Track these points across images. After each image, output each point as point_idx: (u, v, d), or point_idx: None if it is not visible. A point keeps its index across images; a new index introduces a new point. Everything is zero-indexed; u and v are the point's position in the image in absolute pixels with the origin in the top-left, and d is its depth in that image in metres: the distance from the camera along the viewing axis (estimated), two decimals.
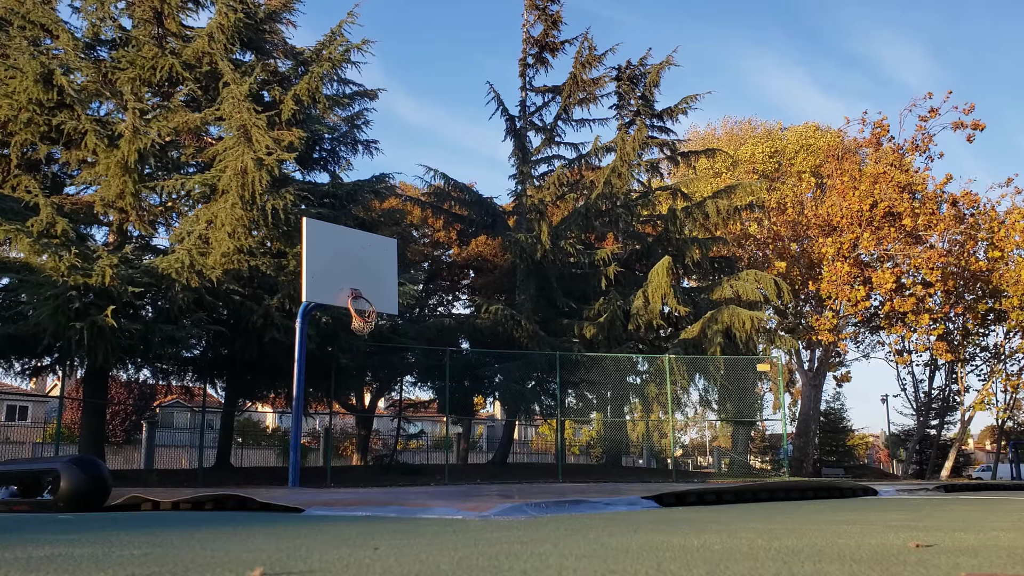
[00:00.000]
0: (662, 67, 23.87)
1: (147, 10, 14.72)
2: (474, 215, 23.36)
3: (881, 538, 1.95)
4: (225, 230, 13.02)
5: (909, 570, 1.32)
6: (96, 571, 1.29)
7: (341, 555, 1.53)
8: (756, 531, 2.18)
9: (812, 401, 27.90)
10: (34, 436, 32.60)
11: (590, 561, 1.41)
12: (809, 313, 26.91)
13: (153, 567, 1.33)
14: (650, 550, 1.59)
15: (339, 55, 15.73)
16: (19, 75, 13.04)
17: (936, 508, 4.18)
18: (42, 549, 1.63)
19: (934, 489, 11.37)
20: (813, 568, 1.34)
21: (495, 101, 23.34)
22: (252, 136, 13.22)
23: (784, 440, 21.74)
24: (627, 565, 1.35)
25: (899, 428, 35.82)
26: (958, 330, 25.89)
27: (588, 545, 1.72)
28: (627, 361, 20.73)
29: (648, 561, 1.40)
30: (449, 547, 1.68)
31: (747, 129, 34.39)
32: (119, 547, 1.67)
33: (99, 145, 13.27)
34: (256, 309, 13.54)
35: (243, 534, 2.17)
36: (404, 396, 23.31)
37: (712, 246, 23.53)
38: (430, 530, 2.25)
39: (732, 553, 1.55)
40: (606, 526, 2.40)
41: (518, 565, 1.35)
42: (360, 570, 1.31)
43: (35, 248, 12.16)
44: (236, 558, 1.48)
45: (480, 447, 39.62)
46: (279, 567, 1.35)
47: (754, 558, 1.46)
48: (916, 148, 25.59)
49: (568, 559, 1.44)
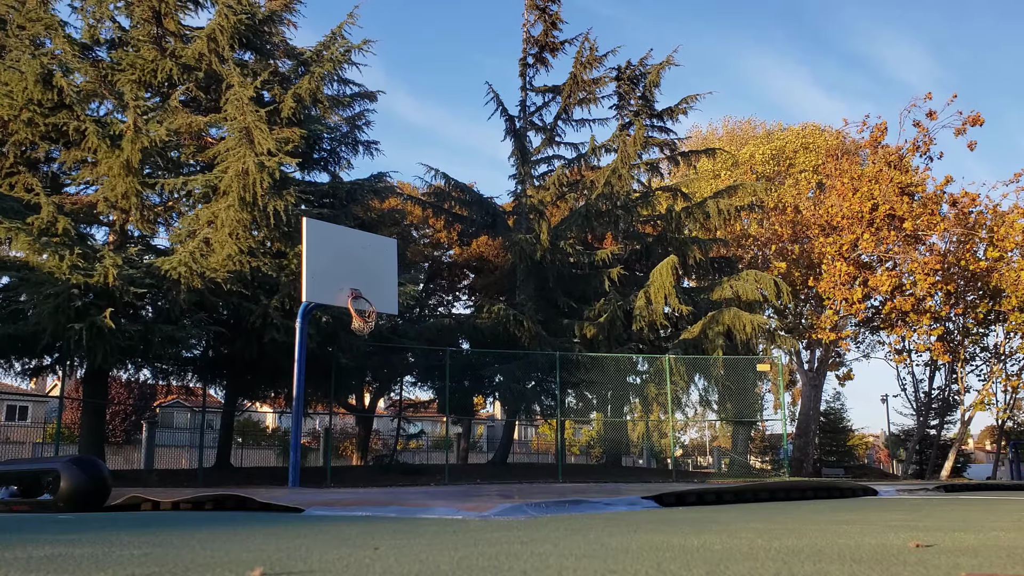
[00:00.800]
0: (662, 67, 23.87)
1: (146, 10, 14.72)
2: (474, 215, 23.35)
3: (881, 538, 1.95)
4: (226, 231, 13.02)
5: (909, 570, 1.32)
6: (96, 571, 1.29)
7: (341, 555, 1.53)
8: (756, 531, 2.18)
9: (812, 401, 27.89)
10: (34, 436, 32.60)
11: (590, 561, 1.41)
12: (809, 313, 26.91)
13: (153, 567, 1.33)
14: (650, 550, 1.59)
15: (339, 55, 15.73)
16: (18, 75, 13.04)
17: (936, 508, 4.18)
18: (42, 549, 1.63)
19: (934, 489, 11.37)
20: (813, 568, 1.34)
21: (494, 101, 23.35)
22: (255, 138, 13.22)
23: (784, 440, 21.74)
24: (627, 565, 1.35)
25: (899, 428, 35.84)
26: (958, 330, 25.88)
27: (588, 545, 1.72)
28: (627, 361, 20.72)
29: (648, 561, 1.40)
30: (449, 547, 1.68)
31: (748, 129, 34.40)
32: (119, 547, 1.67)
33: (100, 145, 13.26)
34: (256, 309, 13.54)
35: (243, 534, 2.17)
36: (404, 396, 23.31)
37: (712, 246, 23.52)
38: (430, 530, 2.25)
39: (732, 553, 1.55)
40: (606, 526, 2.40)
41: (518, 565, 1.35)
42: (360, 570, 1.31)
43: (35, 247, 12.16)
44: (236, 558, 1.48)
45: (480, 447, 39.62)
46: (279, 567, 1.35)
47: (754, 558, 1.46)
48: (916, 148, 25.59)
49: (568, 559, 1.44)
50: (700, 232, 24.07)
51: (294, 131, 13.95)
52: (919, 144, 25.50)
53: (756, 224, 26.54)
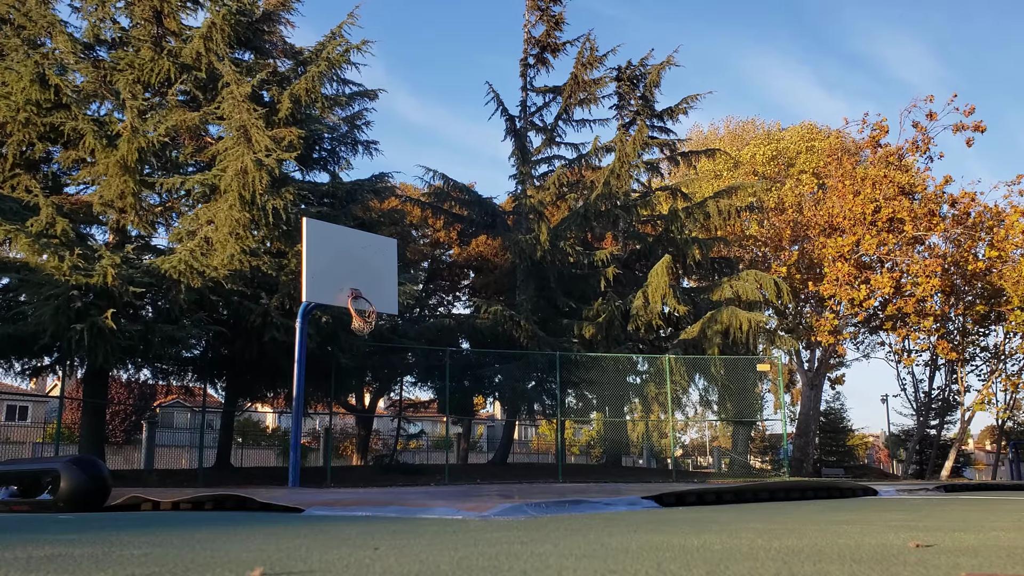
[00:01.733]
0: (663, 67, 23.86)
1: (146, 10, 14.72)
2: (474, 215, 23.35)
3: (881, 538, 1.95)
4: (226, 230, 13.01)
5: (909, 570, 1.32)
6: (96, 571, 1.29)
7: (341, 555, 1.53)
8: (756, 531, 2.18)
9: (812, 401, 27.89)
10: (34, 436, 32.58)
11: (590, 561, 1.41)
12: (809, 314, 26.90)
13: (153, 567, 1.33)
14: (650, 550, 1.59)
15: (338, 56, 15.72)
16: (16, 76, 13.04)
17: (936, 508, 4.18)
18: (42, 549, 1.63)
19: (934, 489, 11.36)
20: (813, 568, 1.34)
21: (495, 101, 23.35)
22: (252, 137, 13.22)
23: (784, 440, 21.73)
24: (627, 565, 1.35)
25: (899, 428, 35.84)
26: (958, 330, 25.87)
27: (588, 545, 1.72)
28: (627, 361, 20.72)
29: (648, 561, 1.40)
30: (449, 547, 1.68)
31: (750, 129, 34.40)
32: (119, 547, 1.67)
33: (97, 145, 13.26)
34: (256, 309, 13.54)
35: (243, 534, 2.17)
36: (404, 396, 23.31)
37: (712, 246, 23.52)
38: (430, 530, 2.25)
39: (732, 553, 1.54)
40: (606, 526, 2.40)
41: (518, 565, 1.35)
42: (360, 570, 1.31)
43: (35, 248, 12.16)
44: (236, 558, 1.48)
45: (480, 447, 39.61)
46: (279, 567, 1.35)
47: (754, 558, 1.46)
48: (916, 148, 25.58)
49: (568, 559, 1.44)
50: (700, 232, 24.06)
51: (292, 131, 13.94)
52: (919, 144, 25.50)
53: (756, 224, 26.54)
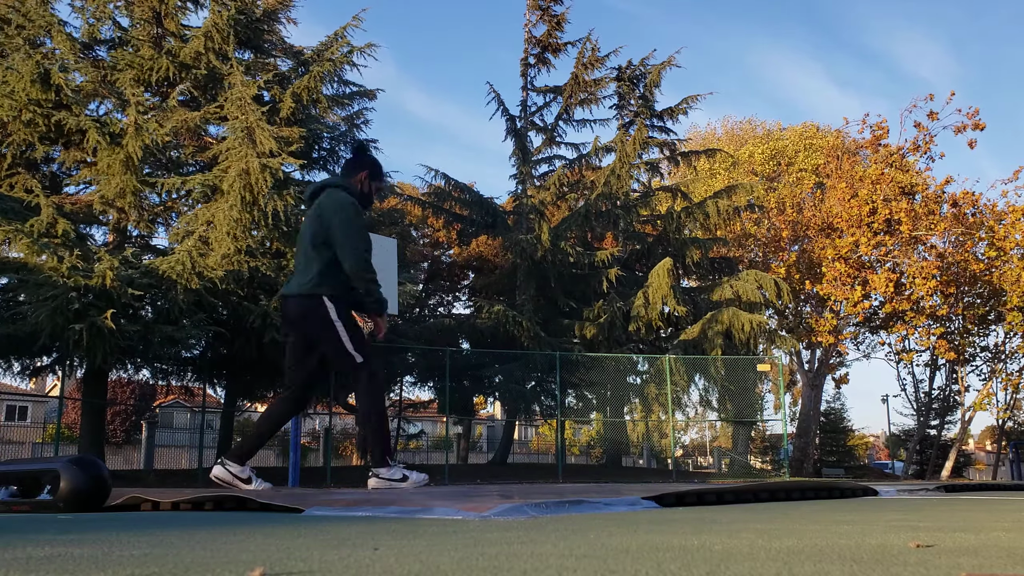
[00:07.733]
0: (663, 67, 23.87)
1: (146, 10, 14.72)
2: (474, 215, 23.36)
3: (881, 538, 1.95)
4: (224, 230, 13.02)
5: (909, 570, 1.32)
6: (96, 571, 1.28)
7: (341, 555, 1.53)
8: (756, 531, 2.18)
9: (812, 401, 27.90)
10: (34, 436, 32.59)
11: (590, 561, 1.41)
12: (809, 314, 26.91)
13: (153, 567, 1.33)
14: (650, 550, 1.59)
15: (342, 56, 15.72)
16: (16, 75, 13.03)
17: (936, 508, 4.18)
18: (42, 549, 1.63)
19: (934, 489, 11.36)
20: (813, 568, 1.34)
21: (495, 101, 23.36)
22: (256, 138, 13.22)
23: (784, 440, 21.73)
24: (627, 565, 1.35)
25: (899, 428, 35.86)
26: (958, 330, 25.87)
27: (588, 545, 1.72)
28: (627, 361, 20.73)
29: (648, 561, 1.40)
30: (449, 547, 1.68)
31: (747, 129, 34.40)
32: (119, 547, 1.67)
33: (100, 143, 13.26)
34: (255, 309, 13.54)
35: (243, 534, 2.17)
36: (404, 396, 23.31)
37: (712, 246, 23.53)
38: (430, 530, 2.25)
39: (732, 553, 1.54)
40: (606, 526, 2.40)
41: (518, 565, 1.35)
42: (360, 570, 1.31)
43: (34, 248, 12.16)
44: (236, 558, 1.48)
45: (480, 447, 39.62)
46: (279, 567, 1.35)
47: (754, 558, 1.46)
48: (917, 148, 25.59)
49: (568, 559, 1.44)
50: (700, 232, 24.07)
51: (293, 130, 13.94)
52: (919, 144, 25.51)
53: (754, 224, 26.55)
